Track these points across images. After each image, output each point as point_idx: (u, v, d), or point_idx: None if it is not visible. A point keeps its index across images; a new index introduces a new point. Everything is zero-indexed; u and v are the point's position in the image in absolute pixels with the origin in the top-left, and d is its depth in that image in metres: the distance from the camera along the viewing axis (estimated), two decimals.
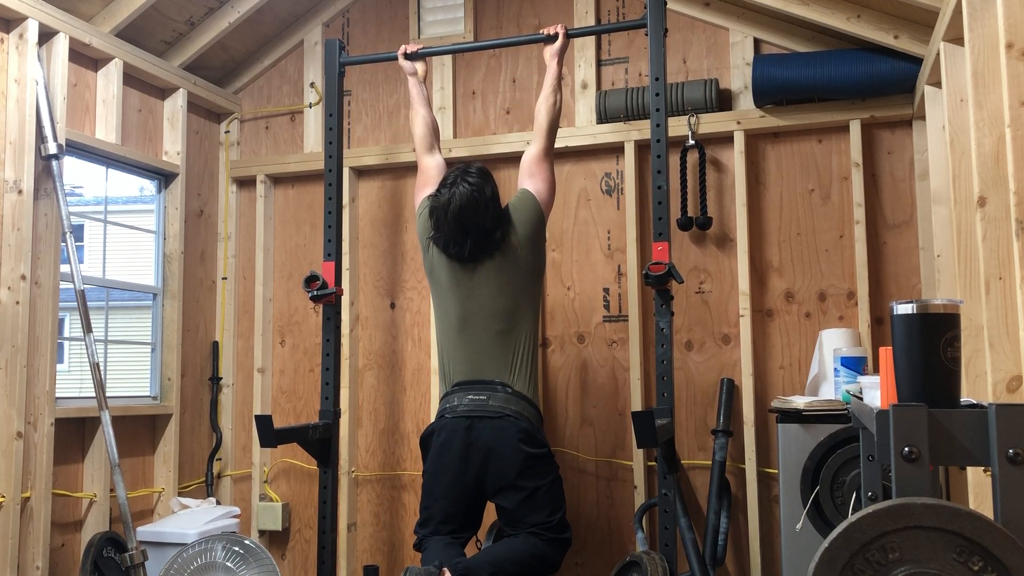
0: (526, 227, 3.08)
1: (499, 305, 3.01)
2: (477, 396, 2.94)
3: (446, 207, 2.99)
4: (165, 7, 3.86)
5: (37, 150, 3.35)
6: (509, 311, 3.02)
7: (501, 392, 2.95)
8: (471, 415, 2.93)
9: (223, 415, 4.30)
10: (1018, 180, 2.11)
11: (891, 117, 3.53)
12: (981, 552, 1.35)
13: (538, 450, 2.94)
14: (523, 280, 3.07)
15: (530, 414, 2.96)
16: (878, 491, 2.17)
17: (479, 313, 3.01)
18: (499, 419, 2.90)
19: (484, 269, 3.03)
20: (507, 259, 3.04)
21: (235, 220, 4.40)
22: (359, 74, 4.28)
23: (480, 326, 3.01)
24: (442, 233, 3.05)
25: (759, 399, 3.57)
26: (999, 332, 2.23)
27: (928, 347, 1.55)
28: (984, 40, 2.37)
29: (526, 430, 2.91)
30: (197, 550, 3.40)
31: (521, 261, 3.06)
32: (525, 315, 3.05)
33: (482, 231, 3.00)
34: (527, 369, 3.01)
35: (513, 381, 2.98)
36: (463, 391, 2.99)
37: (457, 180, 3.01)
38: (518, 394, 2.96)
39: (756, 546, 3.48)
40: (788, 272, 3.65)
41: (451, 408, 2.97)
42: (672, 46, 3.81)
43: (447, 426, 2.96)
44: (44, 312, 3.37)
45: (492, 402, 2.93)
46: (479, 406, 2.93)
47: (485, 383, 2.97)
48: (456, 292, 3.05)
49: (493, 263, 3.03)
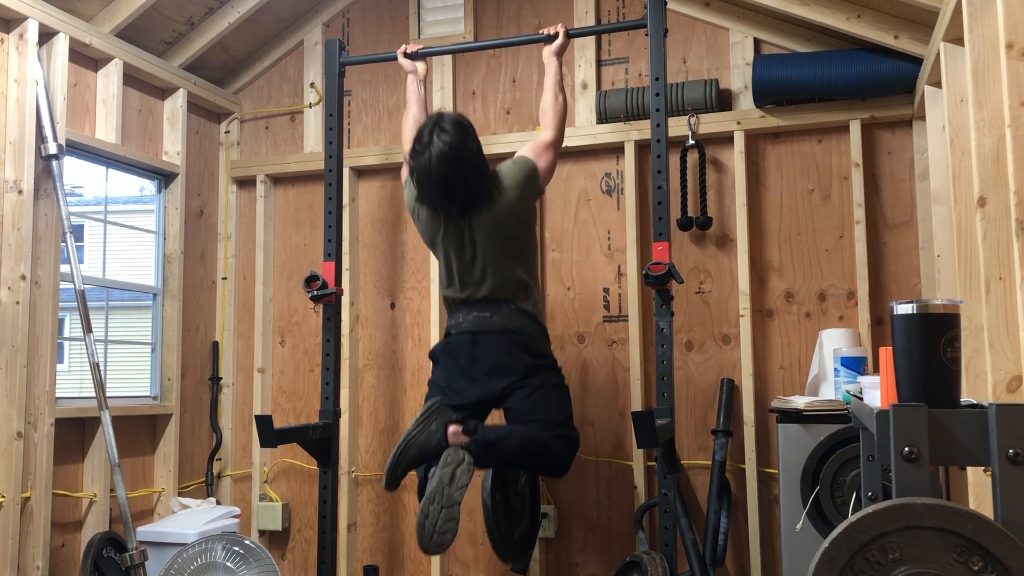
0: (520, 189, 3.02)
1: (494, 243, 2.98)
2: (482, 313, 2.99)
3: (427, 170, 2.89)
4: (165, 7, 3.86)
5: (37, 150, 3.36)
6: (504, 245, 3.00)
7: (506, 309, 2.99)
8: (475, 331, 2.98)
9: (223, 415, 4.30)
10: (1018, 180, 2.11)
11: (891, 117, 3.53)
12: (981, 552, 1.35)
13: (542, 360, 3.00)
14: (518, 230, 3.03)
15: (534, 330, 3.01)
16: (878, 491, 2.17)
17: (473, 251, 2.99)
18: (503, 334, 2.96)
19: (477, 224, 2.99)
20: (500, 212, 2.99)
21: (235, 220, 4.40)
22: (359, 74, 4.28)
23: (475, 261, 3.00)
24: (427, 195, 2.99)
25: (759, 399, 3.57)
26: (999, 332, 2.23)
27: (928, 347, 1.55)
28: (984, 40, 2.37)
29: (528, 344, 2.97)
30: (197, 550, 3.40)
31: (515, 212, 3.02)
32: (520, 247, 3.05)
33: (467, 187, 2.93)
34: (532, 296, 3.05)
35: (518, 301, 3.01)
36: (468, 309, 3.02)
37: (432, 138, 2.88)
38: (522, 311, 3.00)
39: (756, 546, 3.48)
40: (788, 272, 3.65)
41: (456, 325, 3.04)
42: (672, 46, 3.81)
43: (452, 342, 3.03)
44: (44, 312, 3.37)
45: (496, 318, 2.98)
46: (483, 322, 2.98)
47: (490, 301, 3.01)
48: (450, 240, 3.03)
49: (484, 219, 2.98)
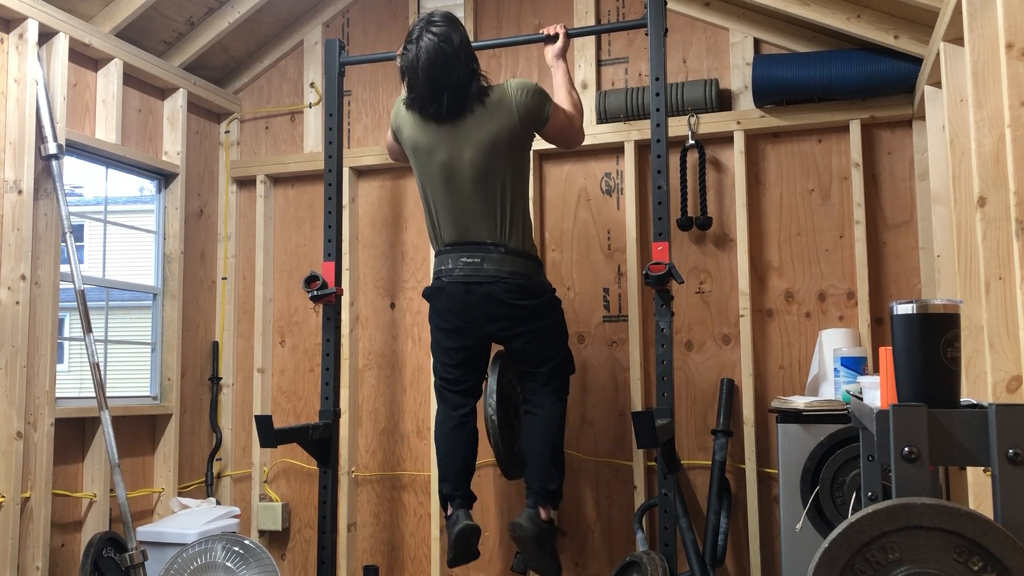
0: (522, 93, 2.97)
1: (484, 162, 2.96)
2: (471, 259, 2.98)
3: (415, 64, 2.89)
4: (165, 7, 3.86)
5: (37, 150, 3.36)
6: (495, 169, 2.97)
7: (495, 253, 2.97)
8: (468, 280, 2.97)
9: (223, 415, 4.30)
10: (1018, 180, 2.11)
11: (891, 117, 3.53)
12: (981, 552, 1.35)
13: (537, 300, 3.04)
14: (508, 140, 2.98)
15: (526, 268, 3.01)
16: (878, 491, 2.17)
17: (463, 170, 2.97)
18: (495, 283, 2.96)
19: (466, 126, 2.96)
20: (491, 116, 2.96)
21: (235, 220, 4.40)
22: (359, 74, 4.28)
23: (465, 183, 2.97)
24: (416, 93, 2.97)
25: (759, 399, 3.57)
26: (999, 332, 2.23)
27: (928, 347, 1.55)
28: (984, 40, 2.37)
29: (522, 287, 2.98)
30: (197, 550, 3.40)
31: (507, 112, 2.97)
32: (512, 172, 3.01)
33: (456, 83, 2.91)
34: (519, 223, 3.02)
35: (506, 239, 2.99)
36: (456, 252, 3.01)
37: (422, 33, 2.89)
38: (512, 251, 2.99)
39: (756, 546, 3.48)
40: (788, 272, 3.66)
41: (447, 271, 3.02)
42: (672, 46, 3.81)
43: (445, 289, 3.03)
44: (44, 312, 3.37)
45: (487, 265, 2.97)
46: (474, 270, 2.97)
47: (477, 244, 2.99)
48: (438, 151, 2.99)
49: (474, 119, 2.95)
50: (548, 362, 3.11)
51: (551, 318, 3.12)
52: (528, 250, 3.06)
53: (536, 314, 3.05)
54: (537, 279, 3.07)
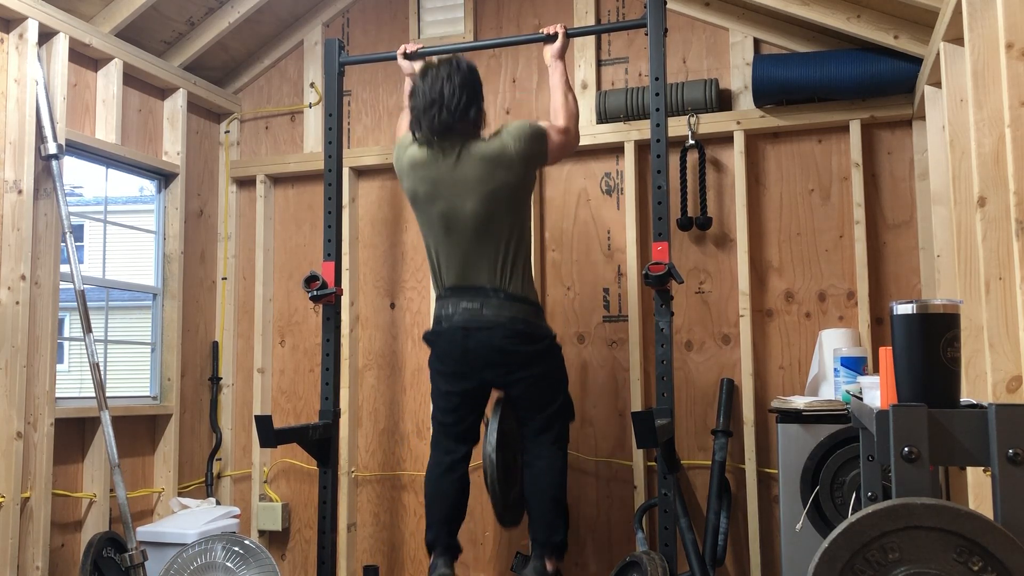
0: (523, 142, 3.00)
1: (485, 212, 2.96)
2: (470, 304, 2.96)
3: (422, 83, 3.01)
4: (165, 7, 3.86)
5: (37, 150, 3.35)
6: (496, 217, 2.97)
7: (494, 298, 2.95)
8: (466, 326, 2.95)
9: (223, 415, 4.30)
10: (1018, 180, 2.11)
11: (891, 117, 3.53)
12: (981, 552, 1.35)
13: (536, 345, 3.00)
14: (510, 188, 2.99)
15: (526, 313, 2.98)
16: (878, 491, 2.17)
17: (463, 220, 2.97)
18: (493, 328, 2.93)
19: (466, 175, 2.97)
20: (491, 165, 2.97)
21: (235, 220, 4.40)
22: (359, 74, 4.28)
23: (464, 231, 2.97)
24: (416, 115, 3.01)
25: (759, 399, 3.57)
26: (999, 332, 2.23)
27: (928, 347, 1.55)
28: (984, 40, 2.37)
29: (521, 332, 2.95)
30: (197, 550, 3.40)
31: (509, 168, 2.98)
32: (512, 218, 3.01)
33: (455, 102, 2.94)
34: (520, 268, 3.01)
35: (506, 284, 2.97)
36: (456, 297, 2.99)
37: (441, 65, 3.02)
38: (512, 296, 2.96)
39: (756, 546, 3.48)
40: (788, 272, 3.65)
41: (446, 316, 3.00)
42: (672, 46, 3.81)
43: (444, 334, 3.00)
44: (44, 312, 3.37)
45: (486, 311, 2.94)
46: (473, 316, 2.95)
47: (477, 289, 2.97)
48: (439, 201, 3.00)
49: (474, 168, 2.96)
50: (546, 408, 3.05)
51: (550, 363, 3.07)
52: (528, 295, 3.02)
53: (535, 360, 3.01)
54: (537, 324, 3.03)
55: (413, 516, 4.01)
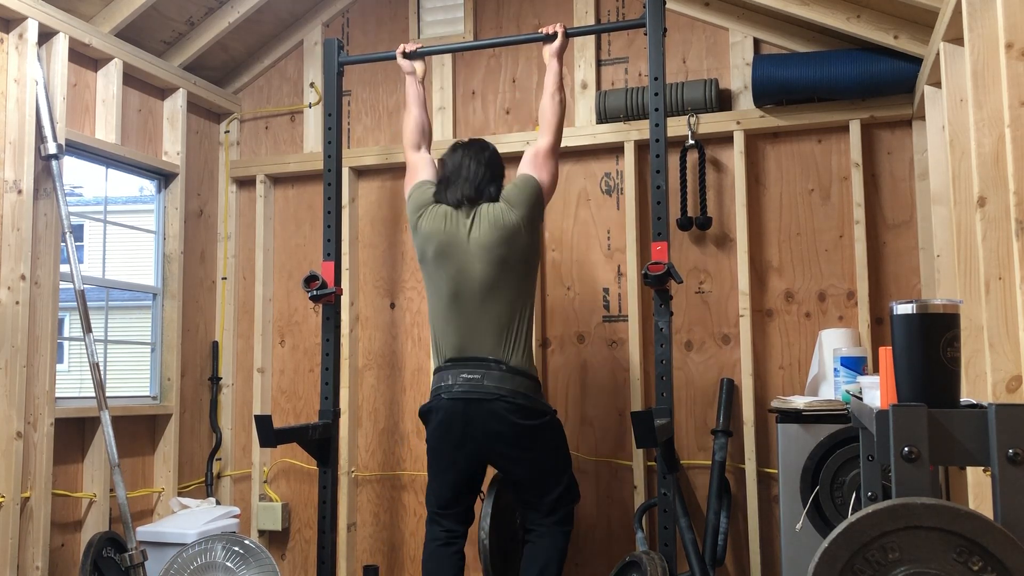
0: (523, 208, 3.03)
1: (494, 278, 2.97)
2: (471, 375, 2.92)
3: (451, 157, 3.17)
4: (165, 7, 3.86)
5: (37, 150, 3.35)
6: (504, 284, 2.98)
7: (496, 370, 2.91)
8: (467, 397, 2.90)
9: (223, 415, 4.30)
10: (1018, 180, 2.11)
11: (891, 117, 3.53)
12: (981, 552, 1.35)
13: (537, 421, 2.95)
14: (517, 256, 3.01)
15: (527, 387, 2.95)
16: (878, 491, 2.17)
17: (470, 285, 2.97)
18: (494, 401, 2.89)
19: (477, 232, 3.00)
20: (500, 232, 2.99)
21: (235, 220, 4.40)
22: (359, 74, 4.28)
23: (471, 298, 2.97)
24: (443, 184, 3.13)
25: (759, 399, 3.57)
26: (999, 332, 2.23)
27: (928, 347, 1.55)
28: (984, 40, 2.37)
29: (522, 407, 2.91)
30: (197, 550, 3.40)
31: (515, 237, 3.01)
32: (518, 290, 3.01)
33: (478, 176, 3.08)
34: (522, 342, 2.99)
35: (508, 357, 2.94)
36: (456, 368, 2.95)
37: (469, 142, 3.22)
38: (513, 369, 2.93)
39: (756, 546, 3.48)
40: (788, 272, 3.66)
41: (446, 388, 2.95)
42: (672, 46, 3.81)
43: (443, 407, 2.94)
44: (44, 312, 3.37)
45: (487, 382, 2.90)
46: (474, 387, 2.90)
47: (479, 360, 2.94)
48: (448, 263, 3.01)
49: (485, 233, 2.99)
50: (551, 492, 3.01)
51: (553, 442, 3.03)
52: (528, 369, 2.99)
53: (537, 437, 2.96)
54: (537, 400, 2.98)
55: (413, 516, 4.01)
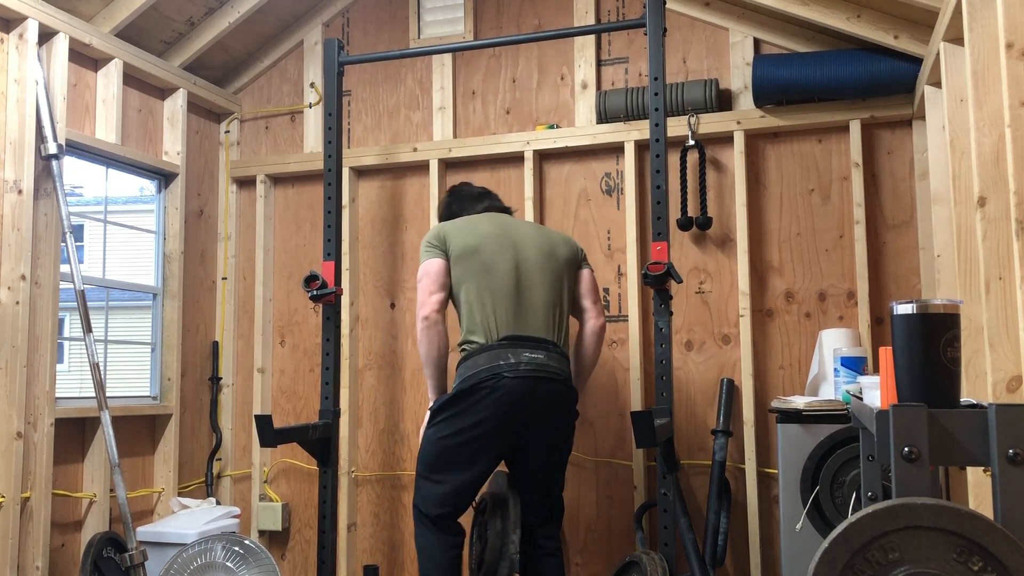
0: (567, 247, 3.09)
1: (549, 265, 2.97)
2: (534, 354, 2.78)
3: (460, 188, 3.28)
4: (165, 7, 3.86)
5: (37, 150, 3.36)
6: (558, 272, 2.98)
7: (554, 352, 2.85)
8: (536, 375, 2.74)
9: (223, 415, 4.30)
10: (1018, 180, 2.11)
11: (891, 117, 3.53)
12: (981, 552, 1.35)
13: (575, 412, 2.96)
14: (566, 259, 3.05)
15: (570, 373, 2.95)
16: (878, 491, 2.17)
17: (530, 263, 2.94)
18: (561, 382, 2.82)
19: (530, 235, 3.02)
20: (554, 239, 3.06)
21: (235, 220, 4.40)
22: (359, 74, 4.28)
23: (532, 276, 2.92)
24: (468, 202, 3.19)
25: (759, 399, 3.57)
26: (999, 332, 2.23)
27: (928, 347, 1.55)
28: (984, 40, 2.37)
29: (575, 391, 2.92)
30: (197, 550, 3.40)
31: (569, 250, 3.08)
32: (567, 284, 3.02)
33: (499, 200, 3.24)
34: (566, 327, 2.99)
35: (561, 341, 2.92)
36: (516, 347, 2.78)
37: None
38: (563, 354, 2.91)
39: (756, 546, 3.48)
40: (788, 272, 3.66)
41: (510, 366, 2.74)
42: (672, 46, 3.81)
43: (506, 386, 2.72)
44: (44, 312, 3.37)
45: (551, 363, 2.80)
46: (540, 366, 2.77)
47: (537, 340, 2.83)
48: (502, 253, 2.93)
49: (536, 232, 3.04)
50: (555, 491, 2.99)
51: (571, 439, 2.98)
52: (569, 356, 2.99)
53: (573, 426, 2.94)
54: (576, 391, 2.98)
55: None
